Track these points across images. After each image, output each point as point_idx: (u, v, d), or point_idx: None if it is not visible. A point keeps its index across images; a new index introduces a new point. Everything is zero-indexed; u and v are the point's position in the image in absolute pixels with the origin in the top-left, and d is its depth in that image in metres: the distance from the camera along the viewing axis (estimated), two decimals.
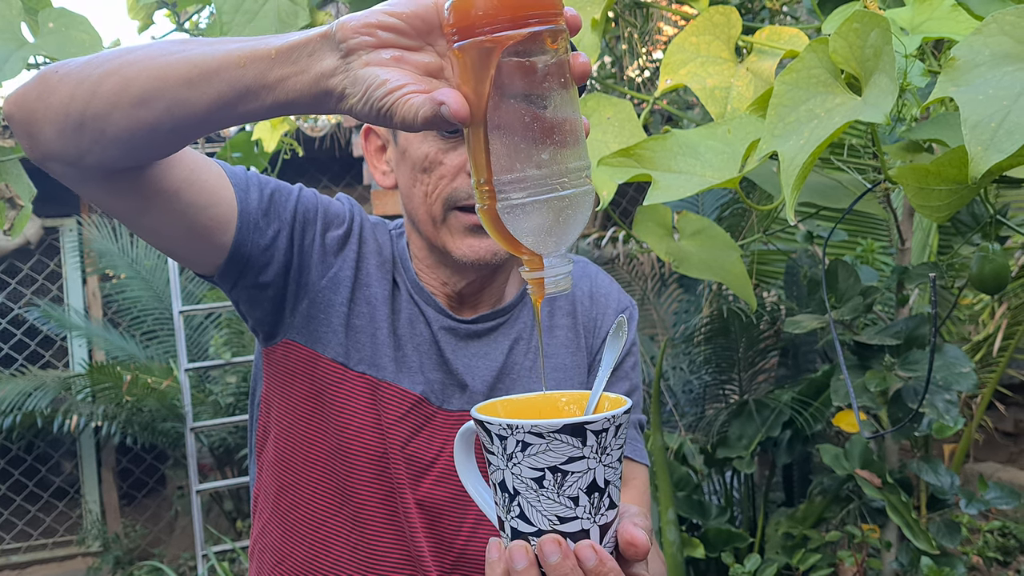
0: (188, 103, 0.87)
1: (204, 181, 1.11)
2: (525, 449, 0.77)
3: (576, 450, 0.77)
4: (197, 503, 4.41)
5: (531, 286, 0.82)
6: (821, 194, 1.88)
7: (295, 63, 0.81)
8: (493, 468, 0.81)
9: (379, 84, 0.77)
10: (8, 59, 1.82)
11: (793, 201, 1.23)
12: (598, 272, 1.46)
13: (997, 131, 1.07)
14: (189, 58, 0.86)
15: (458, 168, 1.17)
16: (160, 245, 1.15)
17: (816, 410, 3.40)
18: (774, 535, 3.31)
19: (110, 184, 1.00)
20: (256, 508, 1.37)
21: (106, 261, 5.91)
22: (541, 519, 0.79)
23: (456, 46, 0.75)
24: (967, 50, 1.17)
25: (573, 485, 0.78)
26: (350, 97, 0.79)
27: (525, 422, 0.77)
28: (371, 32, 0.78)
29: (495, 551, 0.83)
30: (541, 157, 0.75)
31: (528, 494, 0.79)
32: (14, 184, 2.01)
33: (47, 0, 2.00)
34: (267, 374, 1.31)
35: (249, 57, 0.83)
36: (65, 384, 5.49)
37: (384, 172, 1.30)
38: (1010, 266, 1.79)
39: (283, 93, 0.82)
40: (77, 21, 1.88)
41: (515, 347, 1.33)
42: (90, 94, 0.89)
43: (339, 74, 0.79)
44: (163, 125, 0.89)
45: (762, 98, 1.43)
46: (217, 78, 0.84)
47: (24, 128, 0.94)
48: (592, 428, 0.77)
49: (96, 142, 0.92)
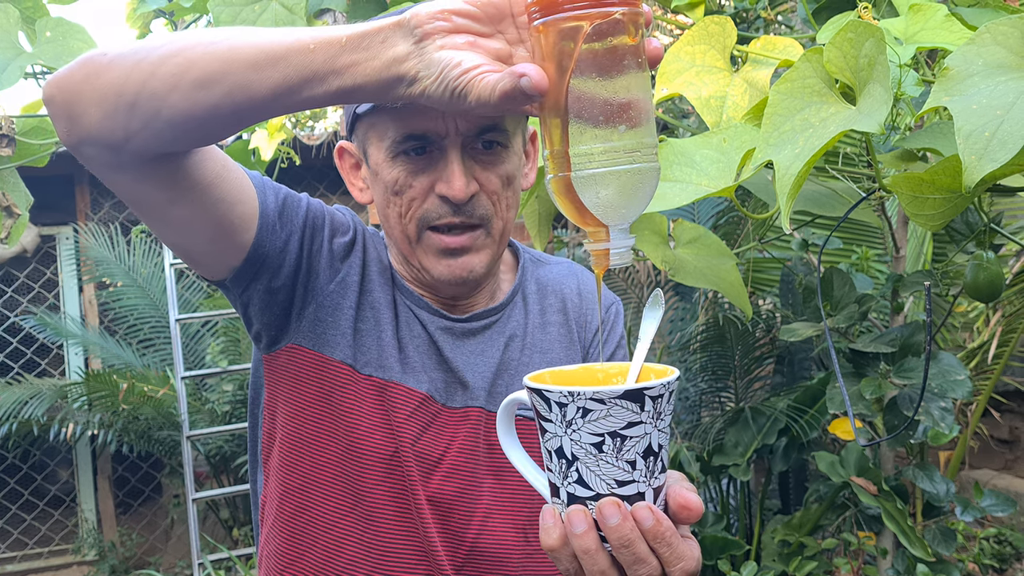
0: (251, 86, 0.88)
1: (234, 178, 1.13)
2: (586, 415, 0.80)
3: (635, 415, 0.80)
4: (193, 511, 4.40)
5: (594, 257, 0.85)
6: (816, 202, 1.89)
7: (366, 49, 0.83)
8: (549, 436, 0.84)
9: (454, 65, 0.80)
10: (6, 68, 1.82)
11: (788, 210, 1.24)
12: (583, 270, 1.49)
13: (991, 141, 1.07)
14: (254, 43, 0.88)
15: (427, 189, 1.19)
16: (182, 242, 1.16)
17: (812, 417, 3.40)
18: (770, 542, 3.31)
19: (147, 171, 1.00)
20: (263, 517, 1.37)
21: (103, 269, 5.90)
22: (599, 483, 0.82)
23: (538, 23, 0.79)
24: (961, 60, 1.18)
25: (631, 449, 0.81)
26: (424, 80, 0.81)
27: (586, 389, 0.80)
28: (447, 18, 0.81)
29: (549, 517, 0.85)
30: (617, 131, 0.78)
31: (587, 459, 0.81)
32: (11, 192, 2.01)
33: (45, 9, 2.01)
34: (269, 381, 1.31)
35: (319, 43, 0.85)
36: (61, 392, 5.48)
37: (361, 189, 1.31)
38: (1004, 274, 1.80)
39: (351, 78, 0.85)
40: (74, 30, 1.89)
41: (510, 344, 1.35)
42: (148, 74, 0.90)
43: (412, 59, 0.82)
44: (222, 108, 0.90)
45: (757, 107, 1.44)
46: (284, 62, 0.86)
47: (65, 110, 0.94)
48: (650, 394, 0.81)
49: (147, 124, 0.92)
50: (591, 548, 0.82)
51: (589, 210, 0.81)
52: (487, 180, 1.20)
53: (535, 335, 1.38)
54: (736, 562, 3.35)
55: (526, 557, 1.31)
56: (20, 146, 1.99)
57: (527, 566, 1.31)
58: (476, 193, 1.19)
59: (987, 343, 4.08)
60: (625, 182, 0.79)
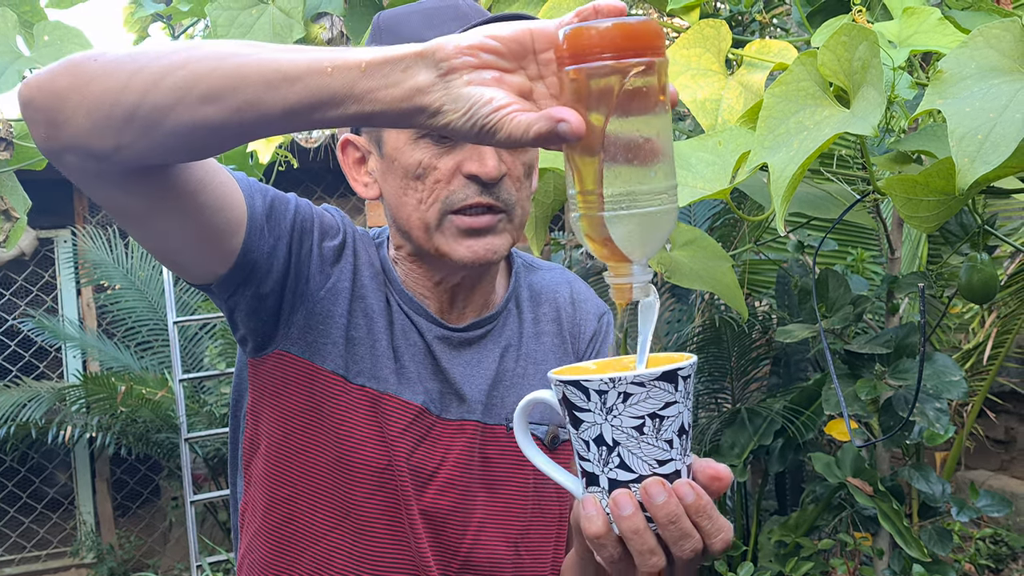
0: (263, 105, 0.86)
1: (220, 183, 1.10)
2: (627, 400, 0.84)
3: (670, 395, 0.85)
4: (192, 514, 4.40)
5: (616, 291, 0.88)
6: (811, 205, 1.90)
7: (386, 77, 0.83)
8: (587, 425, 0.86)
9: (485, 102, 0.80)
10: (4, 72, 1.83)
11: (783, 212, 1.24)
12: (575, 279, 1.48)
13: (984, 143, 1.08)
14: (268, 61, 0.86)
15: (452, 172, 1.18)
16: (165, 249, 1.13)
17: (808, 418, 3.41)
18: (767, 543, 3.32)
19: (130, 181, 0.98)
20: (243, 523, 1.35)
21: (101, 272, 5.89)
22: (641, 465, 0.85)
23: (571, 68, 0.80)
24: (954, 63, 1.19)
25: (668, 429, 0.85)
26: (449, 113, 0.81)
27: (626, 374, 0.83)
28: (473, 53, 0.81)
29: (591, 506, 0.87)
30: (650, 173, 0.81)
31: (629, 443, 0.85)
32: (9, 196, 2.02)
33: (42, 13, 2.02)
34: (254, 385, 1.29)
35: (337, 66, 0.84)
36: (60, 395, 5.47)
37: (366, 184, 1.29)
38: (998, 275, 1.81)
39: (370, 104, 0.84)
40: (72, 34, 1.90)
41: (505, 354, 1.34)
42: (150, 85, 0.87)
43: (436, 91, 0.81)
44: (229, 124, 0.88)
45: (752, 110, 1.44)
46: (300, 83, 0.85)
47: (46, 115, 0.91)
48: (682, 374, 0.85)
49: (145, 135, 0.89)
50: (640, 527, 0.84)
51: (617, 246, 0.83)
52: (513, 165, 1.20)
53: (529, 345, 1.37)
54: (733, 563, 3.35)
55: (518, 571, 1.31)
56: (18, 149, 2.00)
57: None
58: (504, 175, 1.19)
59: (982, 344, 4.10)
60: (655, 222, 0.83)
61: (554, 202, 1.89)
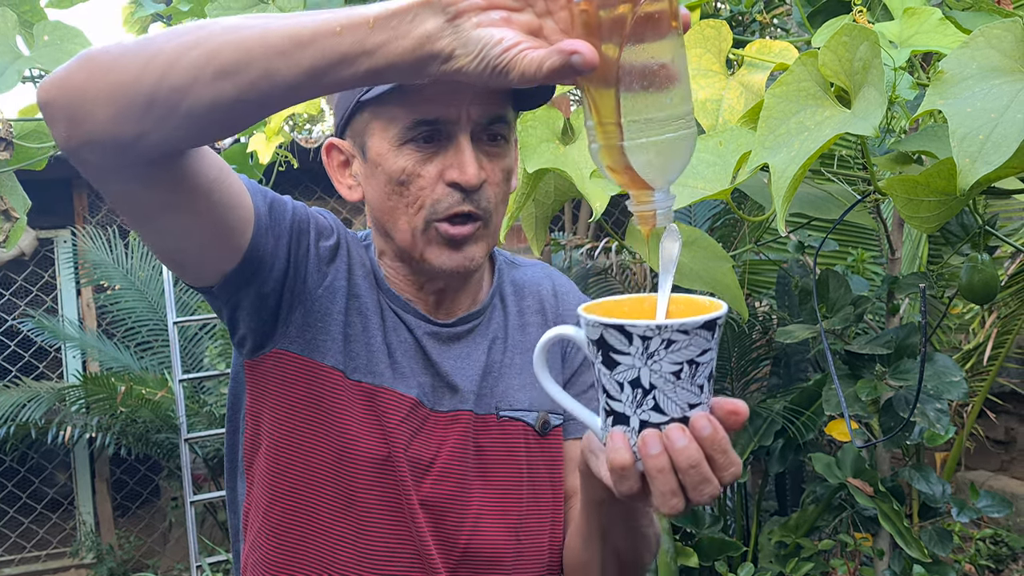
0: (277, 73, 0.87)
1: (231, 182, 1.12)
2: (669, 346, 0.85)
3: (707, 343, 0.87)
4: (191, 514, 4.40)
5: (640, 218, 0.89)
6: (812, 205, 1.89)
7: (395, 29, 0.84)
8: (624, 368, 0.87)
9: (495, 43, 0.81)
10: (4, 71, 1.83)
11: (784, 212, 1.24)
12: (557, 273, 1.50)
13: (985, 143, 1.08)
14: (277, 29, 0.87)
15: (436, 179, 1.18)
16: (174, 248, 1.15)
17: (808, 419, 3.41)
18: (767, 544, 3.32)
19: (150, 173, 0.99)
20: (247, 523, 1.36)
21: (100, 272, 5.89)
22: (674, 408, 0.87)
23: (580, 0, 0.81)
24: (955, 63, 1.19)
25: (702, 374, 0.88)
26: (461, 58, 0.82)
27: (672, 322, 0.85)
28: None
29: (619, 440, 0.89)
30: (664, 101, 0.82)
31: (665, 387, 0.87)
32: (9, 196, 2.02)
33: (42, 13, 2.02)
34: (252, 386, 1.30)
35: (345, 25, 0.85)
36: (59, 395, 5.47)
37: (350, 186, 1.30)
38: (999, 276, 1.80)
39: (382, 58, 0.85)
40: (72, 34, 1.89)
41: (493, 346, 1.36)
42: (167, 67, 0.89)
43: (446, 36, 0.82)
44: (248, 96, 0.89)
45: (753, 110, 1.44)
46: (312, 47, 0.86)
47: (66, 112, 0.92)
48: (718, 323, 0.87)
49: (165, 119, 0.90)
50: (665, 467, 0.86)
51: (638, 174, 0.85)
52: (492, 171, 1.21)
53: (515, 336, 1.38)
54: (733, 563, 3.35)
55: (518, 557, 1.32)
56: (18, 149, 2.00)
57: (519, 566, 1.32)
58: (484, 182, 1.19)
59: (983, 345, 4.10)
60: (675, 147, 0.84)
61: (554, 202, 1.90)
